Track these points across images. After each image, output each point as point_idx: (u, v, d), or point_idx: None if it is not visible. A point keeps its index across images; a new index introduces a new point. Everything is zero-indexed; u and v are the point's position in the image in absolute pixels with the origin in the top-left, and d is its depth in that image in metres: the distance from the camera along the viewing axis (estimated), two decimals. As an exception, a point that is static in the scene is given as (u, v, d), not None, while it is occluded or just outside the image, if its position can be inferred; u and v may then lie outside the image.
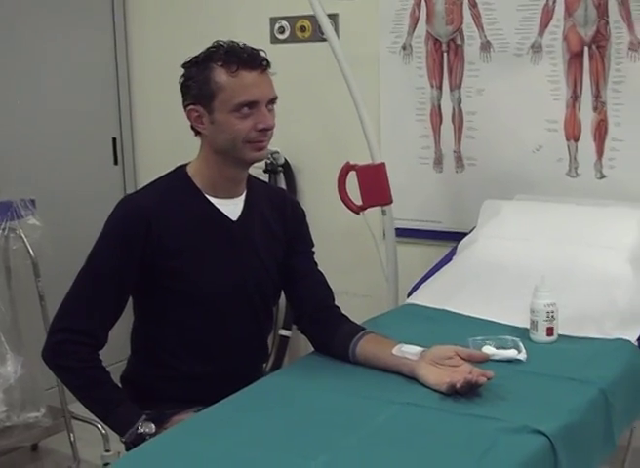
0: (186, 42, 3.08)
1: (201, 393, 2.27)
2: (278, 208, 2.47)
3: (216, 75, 2.22)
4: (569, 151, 3.40)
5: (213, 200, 2.33)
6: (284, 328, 4.07)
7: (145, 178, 2.44)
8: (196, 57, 2.29)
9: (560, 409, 2.01)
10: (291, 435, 1.89)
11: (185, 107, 2.29)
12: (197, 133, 2.32)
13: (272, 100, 2.28)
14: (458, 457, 1.79)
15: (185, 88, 2.29)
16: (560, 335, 2.45)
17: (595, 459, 2.14)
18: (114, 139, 4.45)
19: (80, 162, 4.25)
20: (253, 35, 2.86)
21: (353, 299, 2.93)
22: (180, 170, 2.37)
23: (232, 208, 2.35)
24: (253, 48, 2.27)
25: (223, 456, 1.81)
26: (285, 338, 4.09)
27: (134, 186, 4.41)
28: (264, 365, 2.65)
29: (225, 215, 2.34)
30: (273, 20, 3.99)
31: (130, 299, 2.34)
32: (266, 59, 2.26)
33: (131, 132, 4.52)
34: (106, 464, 3.20)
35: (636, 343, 2.47)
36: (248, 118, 2.23)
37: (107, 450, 3.34)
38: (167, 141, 4.26)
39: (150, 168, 3.98)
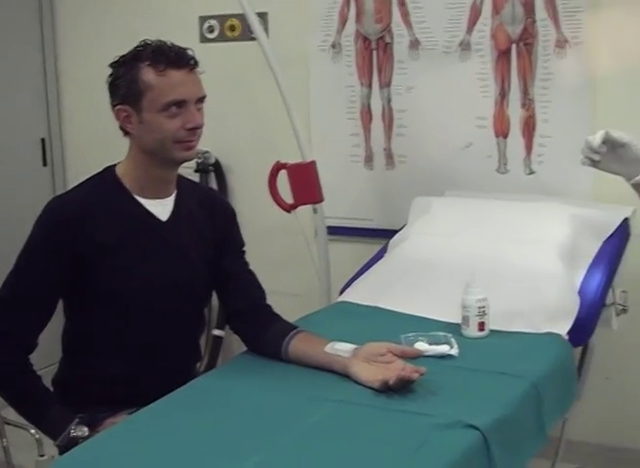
0: (115, 41, 3.03)
1: (133, 395, 2.25)
2: (208, 208, 2.46)
3: (143, 74, 2.20)
4: (498, 148, 3.45)
5: (142, 201, 2.31)
6: (217, 327, 4.04)
7: (75, 180, 2.40)
8: (123, 56, 2.26)
9: (492, 404, 2.02)
10: (224, 435, 1.88)
11: (113, 107, 2.27)
12: (126, 133, 2.30)
13: (201, 99, 2.27)
14: (391, 454, 1.79)
15: (113, 87, 2.27)
16: (491, 330, 2.47)
17: (527, 452, 2.15)
18: (43, 140, 4.38)
19: (8, 163, 4.17)
20: (182, 34, 2.83)
21: (285, 298, 2.90)
22: (109, 171, 2.34)
23: (161, 208, 2.34)
24: (180, 47, 2.25)
25: (157, 458, 1.79)
26: (218, 338, 4.07)
27: (63, 188, 4.33)
28: (198, 365, 2.63)
29: (155, 216, 2.32)
30: (202, 19, 3.98)
31: (60, 301, 2.32)
32: (194, 58, 2.25)
33: (60, 132, 4.45)
34: (40, 469, 3.16)
35: (566, 337, 2.50)
36: (176, 117, 2.22)
37: (41, 455, 3.29)
38: (96, 142, 4.20)
39: (80, 169, 3.86)
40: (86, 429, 2.19)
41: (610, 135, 2.15)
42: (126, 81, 2.22)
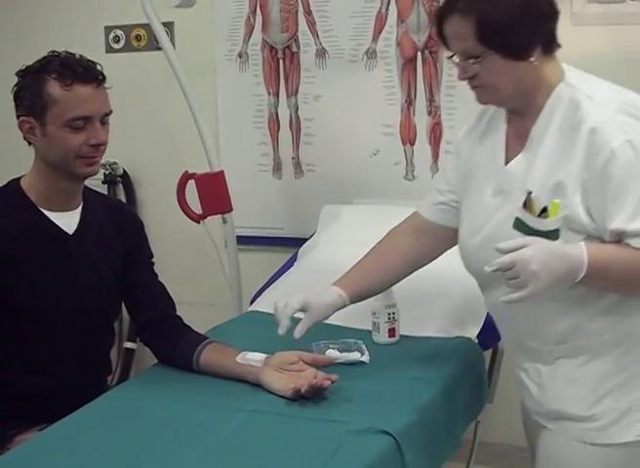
0: (21, 50, 3.00)
1: (43, 410, 2.21)
2: (116, 220, 2.43)
3: (49, 87, 2.17)
4: (405, 155, 3.46)
5: (47, 213, 2.28)
6: (129, 340, 4.00)
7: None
8: (30, 66, 2.23)
9: (404, 409, 2.03)
10: (136, 451, 1.86)
11: (18, 118, 2.23)
12: (30, 143, 2.27)
13: (107, 114, 2.25)
14: (305, 462, 1.80)
15: (18, 98, 2.23)
16: (402, 336, 2.48)
17: (441, 456, 2.18)
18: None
19: None
20: (88, 44, 2.82)
21: (197, 309, 2.91)
22: (14, 183, 2.31)
23: (68, 221, 2.31)
24: (89, 60, 2.23)
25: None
26: (130, 351, 4.02)
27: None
28: (109, 378, 2.59)
29: (61, 229, 2.29)
30: (108, 29, 3.93)
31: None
32: (102, 73, 2.23)
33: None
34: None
35: (476, 340, 2.53)
36: (80, 133, 2.19)
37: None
38: (2, 153, 4.12)
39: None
40: (-7, 448, 2.14)
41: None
42: (31, 93, 2.19)
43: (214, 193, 3.34)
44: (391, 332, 2.47)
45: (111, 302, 2.44)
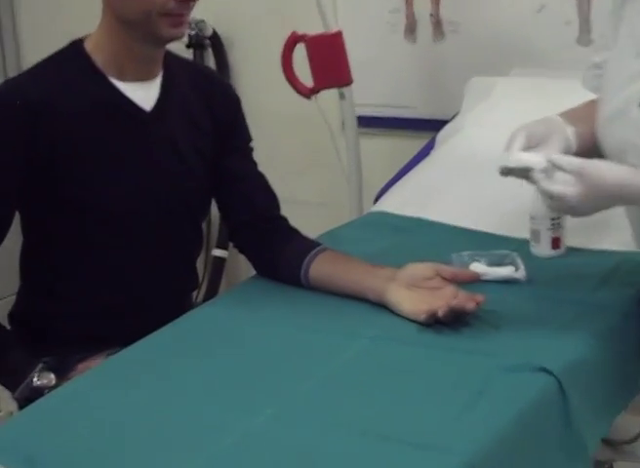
0: None
1: (114, 331, 2.29)
2: (205, 93, 2.45)
3: None
4: (579, 10, 3.41)
5: (119, 85, 2.30)
6: (219, 247, 4.08)
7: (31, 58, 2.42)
8: None
9: (570, 342, 2.00)
10: (229, 383, 1.89)
11: None
12: (99, -8, 2.28)
13: None
14: (443, 402, 1.78)
15: None
16: (569, 248, 2.46)
17: (614, 404, 2.16)
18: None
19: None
20: None
21: (304, 208, 2.94)
22: (76, 45, 2.33)
23: (145, 94, 2.33)
24: None
25: (143, 414, 1.79)
26: (220, 260, 4.11)
27: (16, 69, 4.32)
28: (195, 293, 2.67)
29: (136, 104, 2.32)
30: None
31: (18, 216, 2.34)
32: None
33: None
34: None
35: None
36: None
37: (-4, 411, 3.35)
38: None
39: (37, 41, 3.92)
40: (53, 377, 2.20)
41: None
42: None
43: (329, 60, 3.32)
44: (555, 243, 2.44)
45: (199, 196, 2.47)
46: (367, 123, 3.69)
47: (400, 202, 2.82)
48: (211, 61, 4.02)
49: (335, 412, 1.76)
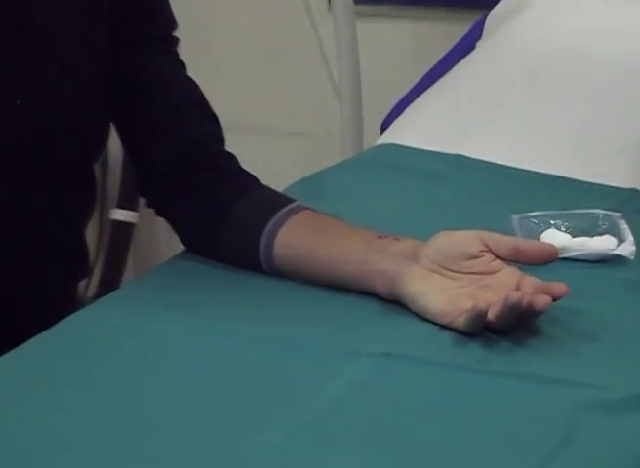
0: None
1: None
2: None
3: None
4: None
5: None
6: (122, 206, 3.63)
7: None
8: None
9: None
10: (141, 441, 1.38)
11: None
12: None
13: None
14: (501, 461, 1.31)
15: None
16: None
17: None
18: None
19: None
20: None
21: (269, 140, 2.57)
22: None
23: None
24: None
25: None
26: (125, 227, 3.69)
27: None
28: (84, 283, 2.34)
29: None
30: None
31: None
32: None
33: None
34: None
35: None
36: None
37: None
38: None
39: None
40: None
41: None
42: None
43: None
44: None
45: (88, 120, 1.93)
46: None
47: (425, 130, 2.39)
48: None
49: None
